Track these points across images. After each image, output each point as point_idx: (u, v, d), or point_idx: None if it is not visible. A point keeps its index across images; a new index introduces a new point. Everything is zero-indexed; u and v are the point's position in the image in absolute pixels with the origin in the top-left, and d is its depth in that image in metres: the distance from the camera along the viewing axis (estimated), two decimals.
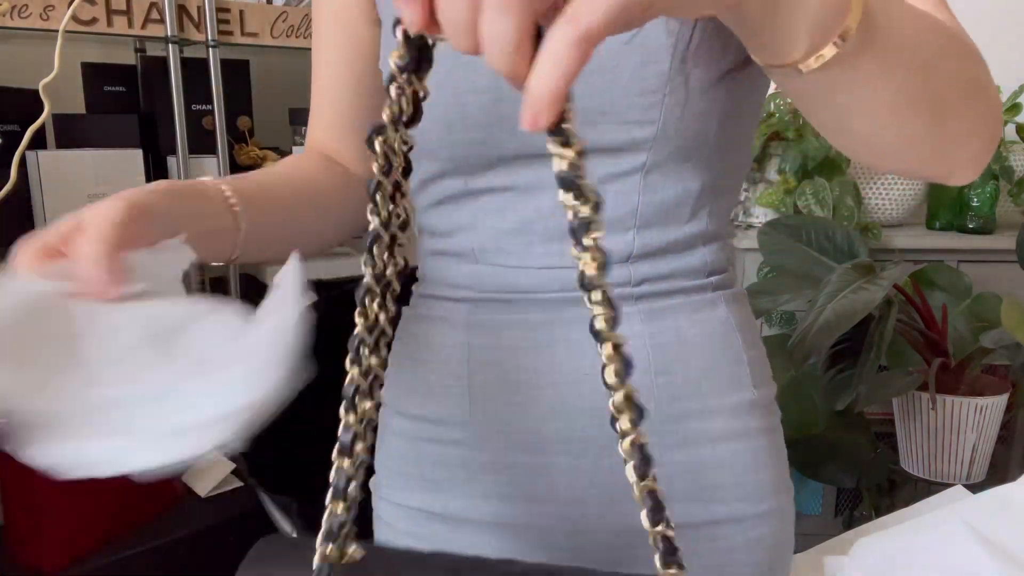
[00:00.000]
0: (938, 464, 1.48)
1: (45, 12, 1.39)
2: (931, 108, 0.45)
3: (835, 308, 1.35)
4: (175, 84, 1.56)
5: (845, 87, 0.41)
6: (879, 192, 1.95)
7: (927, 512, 0.96)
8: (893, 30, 0.40)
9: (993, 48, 2.41)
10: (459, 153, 0.59)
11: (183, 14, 1.55)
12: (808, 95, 0.44)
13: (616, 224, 0.58)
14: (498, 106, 0.56)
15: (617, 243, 0.57)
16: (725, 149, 0.58)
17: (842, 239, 1.61)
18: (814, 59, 0.38)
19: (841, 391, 1.39)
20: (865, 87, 0.41)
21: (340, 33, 0.70)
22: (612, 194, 0.57)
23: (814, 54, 0.38)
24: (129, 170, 1.56)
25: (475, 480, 0.63)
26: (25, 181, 1.48)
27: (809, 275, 1.56)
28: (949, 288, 1.72)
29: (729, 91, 0.55)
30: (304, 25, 1.70)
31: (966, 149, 0.49)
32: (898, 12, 0.42)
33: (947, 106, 0.46)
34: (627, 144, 0.55)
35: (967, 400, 1.43)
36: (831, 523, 1.97)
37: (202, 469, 1.60)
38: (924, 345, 1.51)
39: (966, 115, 0.47)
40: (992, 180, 1.87)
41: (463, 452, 0.63)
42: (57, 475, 0.37)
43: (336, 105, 0.71)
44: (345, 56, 0.69)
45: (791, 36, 0.37)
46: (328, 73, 0.71)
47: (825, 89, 0.41)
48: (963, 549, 0.83)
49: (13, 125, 1.55)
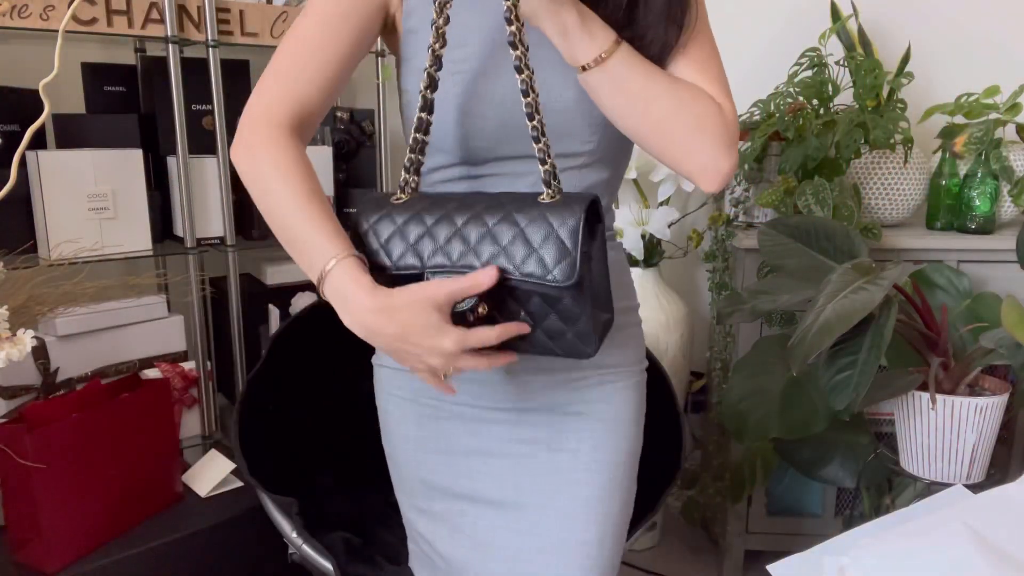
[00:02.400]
0: (938, 464, 1.48)
1: (45, 12, 1.39)
2: (653, 124, 0.82)
3: (835, 308, 1.35)
4: (175, 84, 1.56)
5: (605, 94, 0.81)
6: (879, 192, 1.95)
7: (927, 512, 0.95)
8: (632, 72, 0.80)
9: (993, 48, 2.41)
10: (469, 154, 0.87)
11: (183, 14, 1.55)
12: (593, 92, 0.82)
13: None
14: (505, 128, 0.84)
15: None
16: (623, 153, 0.94)
17: (842, 239, 1.61)
18: (584, 67, 0.80)
19: (841, 391, 1.38)
20: (613, 96, 0.81)
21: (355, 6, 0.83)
22: (567, 178, 0.87)
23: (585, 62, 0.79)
24: (129, 170, 1.56)
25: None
26: (25, 181, 1.48)
27: (809, 275, 1.56)
28: (949, 288, 1.72)
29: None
30: None
31: (688, 162, 0.83)
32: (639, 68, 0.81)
33: (664, 128, 0.82)
34: (578, 152, 0.88)
35: (967, 400, 1.43)
36: (831, 523, 1.97)
37: (202, 469, 1.60)
38: (924, 345, 1.51)
39: (681, 139, 0.83)
40: (992, 180, 1.87)
41: None
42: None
43: (333, 72, 0.84)
44: (352, 32, 0.84)
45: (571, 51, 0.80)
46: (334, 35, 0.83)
47: (597, 90, 0.81)
48: (962, 549, 0.83)
49: (13, 125, 1.55)
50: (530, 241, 0.76)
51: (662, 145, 0.83)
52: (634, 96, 0.81)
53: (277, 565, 1.44)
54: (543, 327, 0.79)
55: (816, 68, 1.90)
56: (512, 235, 0.76)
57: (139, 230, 1.59)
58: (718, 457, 2.05)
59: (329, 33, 0.83)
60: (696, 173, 0.84)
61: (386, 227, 0.80)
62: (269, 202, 0.81)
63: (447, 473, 0.96)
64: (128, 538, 1.40)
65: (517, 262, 0.76)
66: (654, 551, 2.21)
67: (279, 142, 0.80)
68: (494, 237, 0.77)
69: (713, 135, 0.83)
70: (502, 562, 0.94)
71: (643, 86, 0.81)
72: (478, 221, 0.77)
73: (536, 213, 0.76)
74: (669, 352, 2.03)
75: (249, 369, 1.62)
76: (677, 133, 0.82)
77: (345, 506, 1.54)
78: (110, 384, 1.43)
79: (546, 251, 0.75)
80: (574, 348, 0.79)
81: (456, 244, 0.77)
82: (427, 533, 0.99)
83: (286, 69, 0.83)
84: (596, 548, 0.93)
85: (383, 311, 0.74)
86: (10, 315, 1.16)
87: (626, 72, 0.80)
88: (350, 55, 0.84)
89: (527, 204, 0.77)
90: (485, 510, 0.95)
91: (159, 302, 1.63)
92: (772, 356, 1.68)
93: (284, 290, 1.86)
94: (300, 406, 1.55)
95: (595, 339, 0.79)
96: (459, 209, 0.78)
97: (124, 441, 1.39)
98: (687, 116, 0.82)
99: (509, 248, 0.76)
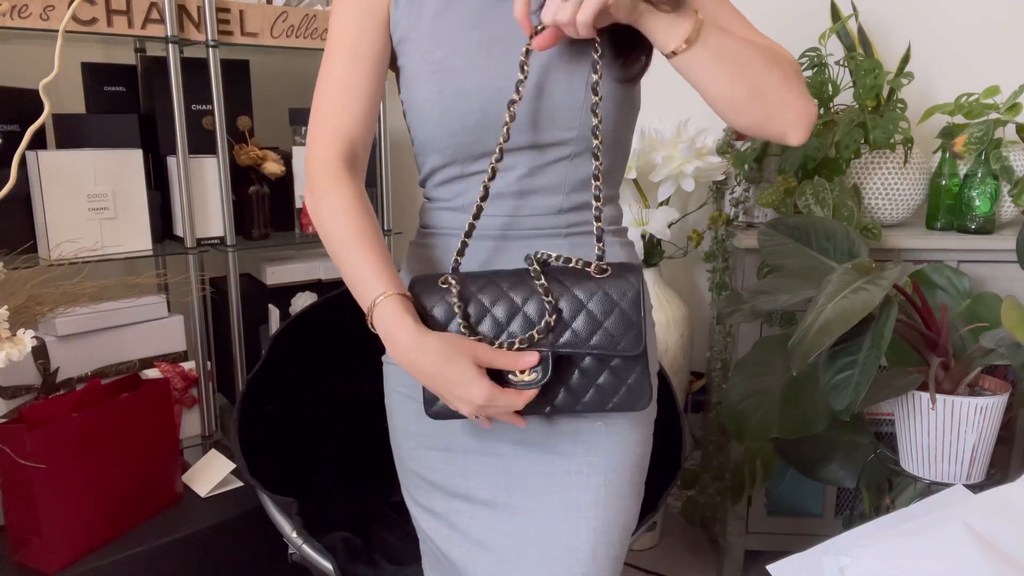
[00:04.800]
0: (938, 464, 1.48)
1: (45, 12, 1.39)
2: (750, 86, 0.83)
3: (835, 308, 1.35)
4: (175, 84, 1.56)
5: (700, 69, 0.82)
6: (879, 192, 1.95)
7: (927, 512, 0.95)
8: (723, 41, 0.82)
9: (993, 48, 2.41)
10: (458, 150, 0.91)
11: (183, 14, 1.55)
12: (686, 72, 0.83)
13: (555, 189, 0.92)
14: (485, 119, 0.87)
15: (555, 201, 0.92)
16: (617, 143, 0.94)
17: (842, 239, 1.61)
18: (675, 50, 0.81)
19: (841, 391, 1.38)
20: (709, 69, 0.82)
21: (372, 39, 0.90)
22: (552, 171, 0.91)
23: (676, 46, 0.81)
24: (129, 170, 1.56)
25: None
26: (25, 181, 1.48)
27: (809, 275, 1.56)
28: (949, 288, 1.72)
29: (616, 109, 0.90)
30: (304, 25, 1.70)
31: (784, 115, 0.85)
32: (726, 35, 0.83)
33: (762, 86, 0.83)
34: (561, 140, 0.89)
35: (967, 400, 1.43)
36: (831, 523, 1.97)
37: (202, 469, 1.60)
38: (924, 345, 1.51)
39: (777, 94, 0.84)
40: (992, 180, 1.87)
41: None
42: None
43: (369, 103, 0.91)
44: (374, 63, 0.91)
45: (662, 41, 0.82)
46: (362, 71, 0.90)
47: (690, 68, 0.83)
48: (962, 549, 0.83)
49: (13, 125, 1.55)
50: (594, 315, 0.82)
51: (758, 107, 0.84)
52: (731, 62, 0.82)
53: (277, 565, 1.44)
54: (597, 385, 0.85)
55: (816, 68, 1.91)
56: (573, 310, 0.82)
57: (139, 230, 1.59)
58: (718, 457, 2.05)
59: (355, 65, 0.90)
60: (791, 124, 0.85)
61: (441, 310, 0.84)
62: (327, 241, 0.87)
63: (445, 471, 0.97)
64: (128, 538, 1.40)
65: (583, 336, 0.82)
66: (654, 551, 2.21)
67: (337, 183, 0.87)
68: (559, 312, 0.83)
69: (799, 82, 0.86)
70: (492, 564, 0.94)
71: (736, 50, 0.83)
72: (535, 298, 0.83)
73: (594, 286, 0.82)
74: (669, 352, 2.03)
75: (249, 369, 1.62)
76: (773, 92, 0.84)
77: (345, 506, 1.54)
78: (110, 384, 1.43)
79: (611, 324, 0.82)
80: (626, 402, 0.86)
81: (517, 322, 0.83)
82: (430, 531, 0.99)
83: (326, 110, 0.90)
84: (587, 555, 0.91)
85: (423, 350, 0.80)
86: (10, 315, 1.16)
87: (718, 40, 0.82)
88: (377, 78, 0.91)
89: (582, 278, 0.83)
90: (479, 510, 0.95)
91: (159, 302, 1.63)
92: (772, 356, 1.68)
93: (284, 290, 1.86)
94: (300, 406, 1.55)
95: (648, 392, 0.86)
96: (513, 287, 0.84)
97: (124, 441, 1.39)
98: (777, 72, 0.84)
99: (572, 322, 0.82)
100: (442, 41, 0.88)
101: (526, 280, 0.83)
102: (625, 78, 0.89)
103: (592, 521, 0.91)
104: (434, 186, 0.96)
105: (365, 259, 0.84)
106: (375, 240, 0.85)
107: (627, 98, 0.92)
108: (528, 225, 0.92)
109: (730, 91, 0.83)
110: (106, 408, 1.36)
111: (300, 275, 1.89)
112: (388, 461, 1.06)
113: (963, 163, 1.93)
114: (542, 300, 0.82)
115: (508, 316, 0.82)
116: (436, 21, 0.88)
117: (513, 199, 0.91)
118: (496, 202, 0.91)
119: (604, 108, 0.87)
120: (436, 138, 0.91)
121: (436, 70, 0.88)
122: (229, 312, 1.72)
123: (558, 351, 0.82)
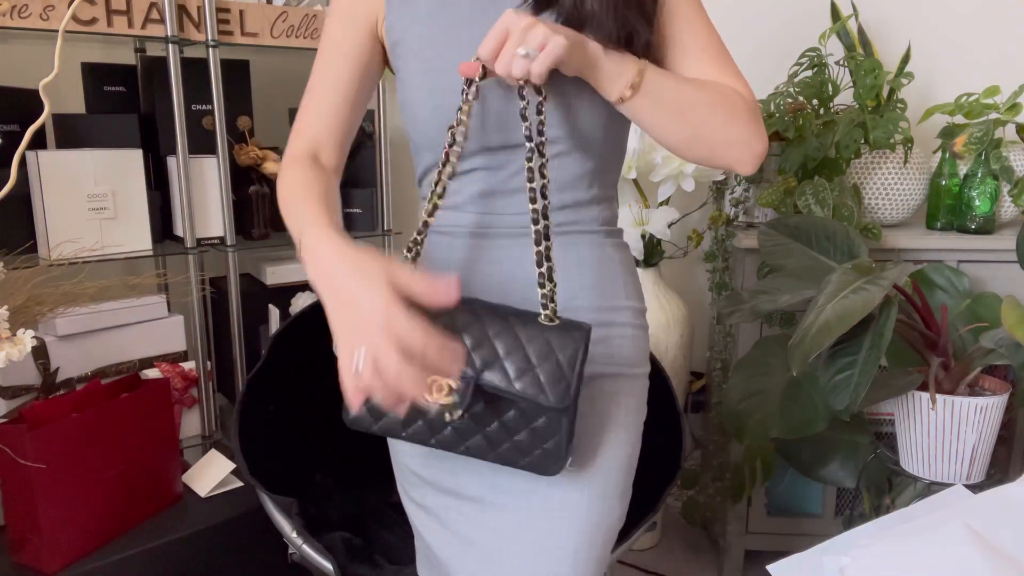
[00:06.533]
0: (938, 464, 1.48)
1: (45, 12, 1.39)
2: (692, 128, 0.87)
3: (835, 308, 1.35)
4: (175, 84, 1.56)
5: (643, 114, 0.86)
6: (879, 192, 1.95)
7: (927, 512, 0.95)
8: (663, 88, 0.86)
9: (993, 48, 2.41)
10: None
11: (183, 14, 1.55)
12: (631, 116, 0.88)
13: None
14: (478, 116, 0.88)
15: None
16: (608, 143, 0.94)
17: (842, 239, 1.61)
18: (620, 98, 0.85)
19: (841, 391, 1.38)
20: (652, 114, 0.86)
21: (351, 47, 0.93)
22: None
23: (619, 95, 0.85)
24: (129, 170, 1.56)
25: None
26: (25, 181, 1.48)
27: (809, 275, 1.56)
28: (949, 288, 1.72)
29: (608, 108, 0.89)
30: (304, 25, 1.70)
31: (727, 153, 0.89)
32: (668, 81, 0.86)
33: (703, 128, 0.88)
34: (548, 138, 0.88)
35: (967, 400, 1.43)
36: (831, 523, 1.97)
37: (202, 469, 1.60)
38: (924, 345, 1.51)
39: (719, 134, 0.88)
40: (992, 180, 1.87)
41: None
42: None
43: (337, 112, 0.94)
44: (352, 72, 0.93)
45: (606, 89, 0.85)
46: (335, 80, 0.93)
47: (635, 114, 0.87)
48: (962, 549, 0.83)
49: (13, 125, 1.55)
50: (529, 357, 0.79)
51: (701, 146, 0.89)
52: (671, 108, 0.86)
53: (277, 565, 1.44)
54: (514, 440, 0.83)
55: (816, 68, 1.91)
56: (509, 347, 0.79)
57: (139, 230, 1.59)
58: (718, 457, 2.05)
59: (331, 77, 0.93)
60: (734, 162, 0.90)
61: None
62: (282, 205, 0.89)
63: (437, 468, 0.97)
64: (128, 538, 1.40)
65: (512, 376, 0.79)
66: (654, 551, 2.21)
67: (300, 162, 0.91)
68: (492, 346, 0.79)
69: (745, 123, 0.88)
70: (476, 561, 0.94)
71: (676, 97, 0.87)
72: (478, 328, 0.80)
73: (536, 332, 0.79)
74: (669, 352, 2.03)
75: (249, 369, 1.62)
76: (714, 133, 0.88)
77: (345, 506, 1.54)
78: (110, 384, 1.43)
79: (542, 371, 0.78)
80: (539, 464, 0.84)
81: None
82: (421, 527, 1.00)
83: (300, 119, 0.95)
84: (569, 556, 0.90)
85: (339, 258, 0.73)
86: (10, 315, 1.16)
87: (659, 88, 0.85)
88: (356, 89, 0.94)
89: (529, 321, 0.80)
90: (466, 506, 0.96)
91: (159, 302, 1.63)
92: (772, 356, 1.68)
93: (284, 290, 1.86)
94: (300, 406, 1.55)
95: (563, 459, 0.83)
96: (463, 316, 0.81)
97: (124, 441, 1.39)
98: (719, 113, 0.87)
99: (505, 359, 0.79)
100: (434, 41, 0.90)
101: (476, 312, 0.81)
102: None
103: (575, 522, 0.91)
104: (428, 184, 0.97)
105: (310, 206, 0.84)
106: (323, 199, 0.85)
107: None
108: (515, 223, 0.92)
109: (672, 133, 0.88)
110: (106, 408, 1.36)
111: (300, 275, 1.88)
112: (388, 461, 1.06)
113: (963, 163, 1.93)
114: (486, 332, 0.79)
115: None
116: (429, 22, 0.90)
117: (502, 198, 0.92)
118: (481, 200, 0.92)
119: (597, 108, 0.88)
120: (428, 136, 0.92)
121: (427, 69, 0.90)
122: (229, 312, 1.72)
123: (481, 381, 0.78)
